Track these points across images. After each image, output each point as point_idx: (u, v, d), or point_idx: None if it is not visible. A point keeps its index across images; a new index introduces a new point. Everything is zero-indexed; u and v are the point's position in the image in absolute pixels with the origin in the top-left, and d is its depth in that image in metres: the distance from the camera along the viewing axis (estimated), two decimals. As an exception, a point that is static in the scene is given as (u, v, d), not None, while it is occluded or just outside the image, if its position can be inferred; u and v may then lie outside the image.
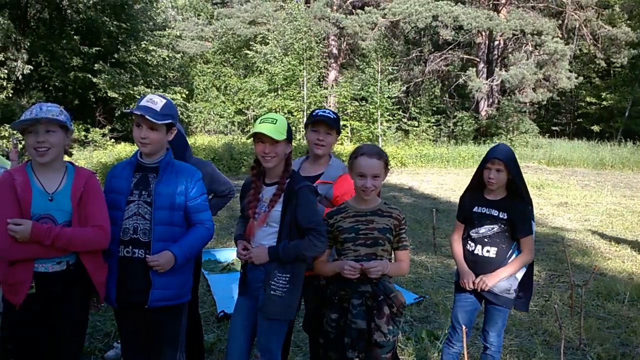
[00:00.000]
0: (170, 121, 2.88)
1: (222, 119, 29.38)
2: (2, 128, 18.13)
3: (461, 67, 30.33)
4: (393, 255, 3.04)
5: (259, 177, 3.06)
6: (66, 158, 2.90)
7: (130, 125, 23.45)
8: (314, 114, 3.41)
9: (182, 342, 3.03)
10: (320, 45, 27.58)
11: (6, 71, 18.56)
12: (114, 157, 16.95)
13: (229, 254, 7.11)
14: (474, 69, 27.29)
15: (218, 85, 31.87)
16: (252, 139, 2.97)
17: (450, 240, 3.70)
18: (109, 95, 22.02)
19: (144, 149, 2.89)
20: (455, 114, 29.51)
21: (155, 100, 2.87)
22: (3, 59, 18.74)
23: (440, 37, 27.46)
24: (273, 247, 2.91)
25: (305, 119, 12.41)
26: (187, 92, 27.74)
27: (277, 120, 2.96)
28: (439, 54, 29.99)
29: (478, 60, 29.50)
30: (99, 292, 2.84)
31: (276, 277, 2.89)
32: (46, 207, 2.69)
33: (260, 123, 2.95)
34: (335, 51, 30.64)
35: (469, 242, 3.48)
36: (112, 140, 22.33)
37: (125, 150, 19.02)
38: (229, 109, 29.81)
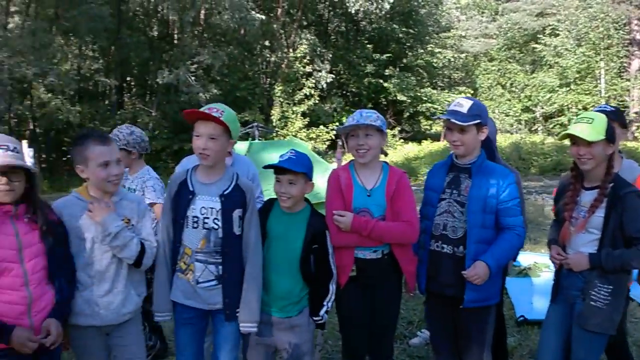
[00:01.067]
0: (478, 121, 2.91)
1: (508, 117, 28.38)
2: (310, 130, 20.80)
3: None
4: None
5: (577, 179, 2.90)
6: (382, 158, 3.20)
7: (417, 127, 24.50)
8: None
9: (489, 342, 3.06)
10: (620, 32, 24.51)
11: (313, 81, 21.23)
12: (403, 157, 17.87)
13: (525, 258, 6.86)
14: None
15: (503, 83, 30.89)
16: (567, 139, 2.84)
17: None
18: (397, 98, 23.39)
19: (457, 151, 2.99)
20: None
21: (462, 103, 2.95)
22: (311, 71, 21.48)
23: None
24: (595, 254, 2.73)
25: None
26: (471, 92, 27.65)
27: (593, 119, 2.77)
28: None
29: None
30: (408, 281, 3.09)
31: (597, 287, 2.71)
32: (365, 202, 3.01)
33: (574, 123, 2.81)
34: (638, 37, 26.80)
35: None
36: (401, 140, 23.58)
37: (413, 150, 19.84)
38: (515, 107, 28.63)
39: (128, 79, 23.66)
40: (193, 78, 18.53)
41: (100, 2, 18.41)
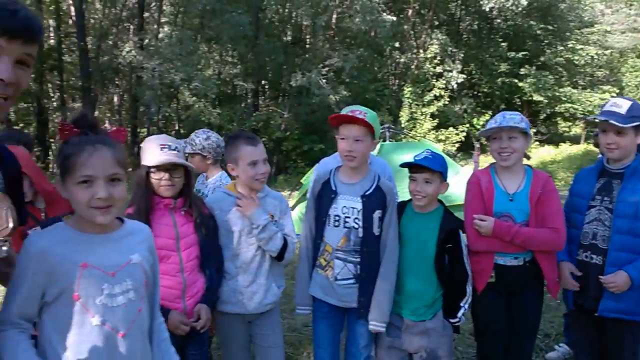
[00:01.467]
0: (638, 123, 2.72)
1: (660, 119, 25.75)
2: (439, 132, 20.43)
3: None
4: None
5: None
6: (524, 161, 3.06)
7: (554, 129, 23.10)
8: None
9: None
10: None
11: (444, 81, 20.85)
12: (539, 160, 16.95)
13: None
14: None
15: (655, 81, 28.09)
16: None
17: None
18: (533, 98, 22.24)
19: (612, 155, 2.81)
20: None
21: (619, 104, 2.78)
22: (441, 71, 21.11)
23: None
24: None
25: None
26: (617, 91, 25.46)
27: None
28: None
29: None
30: (551, 290, 2.93)
31: None
32: (506, 207, 2.90)
33: None
34: None
35: None
36: (537, 142, 22.38)
37: (549, 153, 18.78)
38: (670, 108, 25.90)
39: (263, 82, 24.80)
40: (324, 81, 18.96)
41: (240, 11, 19.46)
